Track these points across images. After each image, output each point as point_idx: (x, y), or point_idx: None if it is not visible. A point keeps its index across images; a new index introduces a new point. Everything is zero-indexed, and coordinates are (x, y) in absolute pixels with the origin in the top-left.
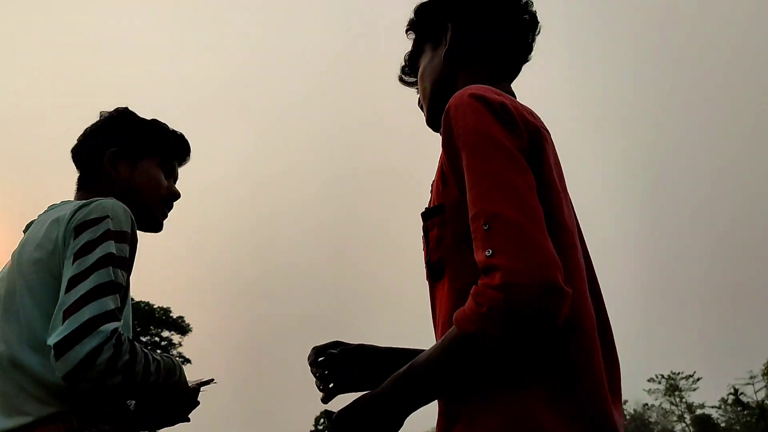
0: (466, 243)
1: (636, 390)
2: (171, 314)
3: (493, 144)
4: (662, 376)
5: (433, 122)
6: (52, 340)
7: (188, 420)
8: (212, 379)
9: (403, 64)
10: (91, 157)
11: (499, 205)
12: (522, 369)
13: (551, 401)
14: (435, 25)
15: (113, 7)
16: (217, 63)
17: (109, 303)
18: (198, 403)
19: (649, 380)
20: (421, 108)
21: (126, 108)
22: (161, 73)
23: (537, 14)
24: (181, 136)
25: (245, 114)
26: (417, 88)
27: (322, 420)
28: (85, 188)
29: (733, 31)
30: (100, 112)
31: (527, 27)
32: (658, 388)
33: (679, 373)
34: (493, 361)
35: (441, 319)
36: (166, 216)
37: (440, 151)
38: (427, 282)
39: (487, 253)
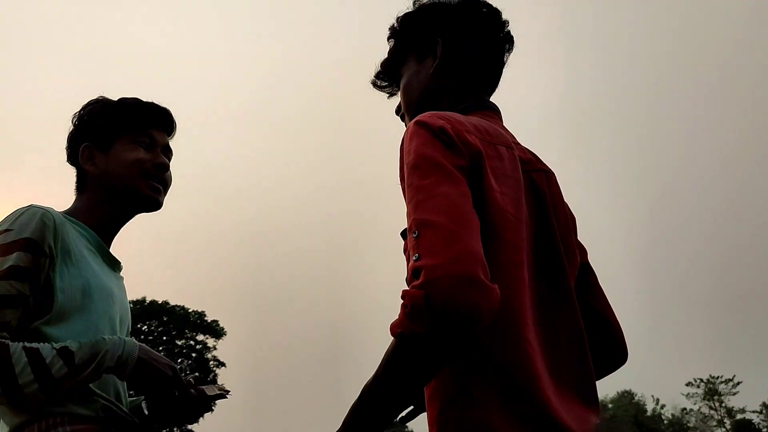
0: None
1: (674, 394)
2: (206, 318)
3: (428, 162)
4: (701, 380)
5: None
6: None
7: (197, 422)
8: (228, 392)
9: (379, 69)
10: (74, 159)
11: (427, 213)
12: (465, 373)
13: (499, 404)
14: (422, 38)
15: (140, 15)
16: (246, 68)
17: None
18: (211, 409)
19: (687, 384)
20: (401, 116)
21: (95, 98)
22: (191, 78)
23: (511, 32)
24: (152, 104)
25: (283, 119)
26: (390, 93)
27: None
28: (78, 191)
29: (731, 27)
30: (74, 114)
31: (504, 43)
32: (696, 393)
33: (718, 377)
34: (432, 364)
35: None
36: (158, 189)
37: None
38: None
39: (414, 257)
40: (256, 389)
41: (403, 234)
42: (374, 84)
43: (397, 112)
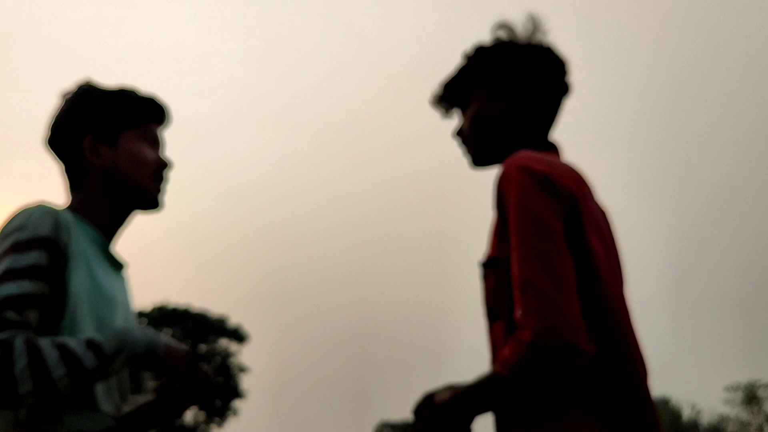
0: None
1: (711, 400)
2: (229, 323)
3: (532, 215)
4: (740, 385)
5: (480, 160)
6: None
7: (213, 404)
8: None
9: (443, 91)
10: (68, 149)
11: (530, 273)
12: (562, 403)
13: (586, 427)
14: (498, 75)
15: (158, 15)
16: (272, 66)
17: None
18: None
19: (725, 389)
20: (463, 141)
21: (88, 83)
22: (209, 77)
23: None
24: (153, 97)
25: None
26: (446, 115)
27: (383, 429)
28: (74, 186)
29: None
30: (63, 94)
31: (567, 90)
32: (735, 398)
33: (758, 381)
34: (522, 402)
35: (499, 356)
36: (161, 190)
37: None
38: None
39: (518, 313)
40: (281, 393)
41: (487, 263)
42: (435, 102)
43: (459, 135)
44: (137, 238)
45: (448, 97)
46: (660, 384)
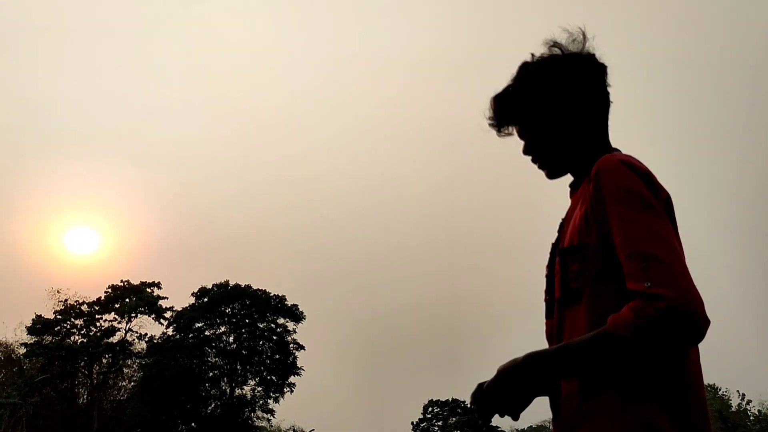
0: (603, 277)
1: (762, 389)
2: (286, 302)
3: (642, 200)
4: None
5: (556, 175)
6: None
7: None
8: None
9: (497, 110)
10: None
11: (652, 248)
12: (645, 381)
13: (669, 414)
14: (560, 88)
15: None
16: (332, 61)
17: None
18: None
19: None
20: (534, 159)
21: None
22: (271, 71)
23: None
24: None
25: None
26: (502, 133)
27: (429, 408)
28: None
29: None
30: None
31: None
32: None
33: None
34: (629, 365)
35: (577, 336)
36: None
37: (574, 197)
38: (547, 305)
39: (646, 284)
40: (333, 371)
41: (571, 250)
42: (496, 127)
43: (529, 153)
44: (199, 222)
45: (504, 114)
46: (708, 373)
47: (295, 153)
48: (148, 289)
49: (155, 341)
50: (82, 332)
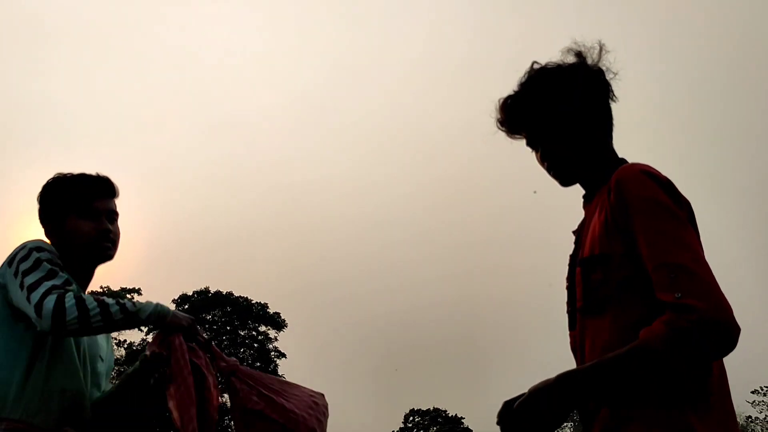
0: (628, 287)
1: (739, 402)
2: (268, 310)
3: (666, 210)
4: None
5: (570, 182)
6: (33, 311)
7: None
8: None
9: (509, 115)
10: (41, 223)
11: (680, 259)
12: (679, 386)
13: (705, 418)
14: (569, 94)
15: (210, 17)
16: (311, 64)
17: (53, 281)
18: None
19: (753, 392)
20: (549, 167)
21: (50, 179)
22: (257, 77)
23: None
24: (91, 180)
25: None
26: (513, 136)
27: (410, 417)
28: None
29: None
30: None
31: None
32: (763, 401)
33: None
34: (662, 377)
35: (601, 346)
36: (108, 248)
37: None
38: (570, 316)
39: (676, 295)
40: (315, 380)
41: (594, 260)
42: (505, 128)
43: (544, 161)
44: (181, 228)
45: (517, 125)
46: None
47: (282, 159)
48: (128, 296)
49: (134, 348)
50: None
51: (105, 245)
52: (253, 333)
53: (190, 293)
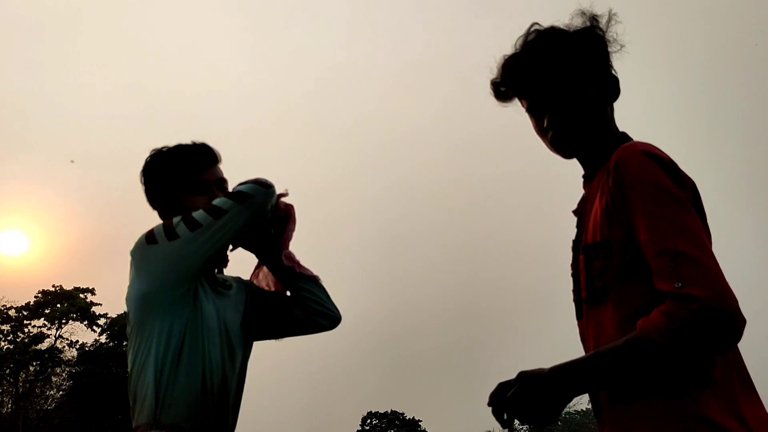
0: (629, 275)
1: None
2: None
3: (667, 193)
4: None
5: (574, 152)
6: (245, 202)
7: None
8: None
9: (511, 76)
10: (154, 208)
11: (681, 245)
12: (692, 376)
13: (717, 407)
14: (583, 61)
15: (188, 18)
16: (303, 73)
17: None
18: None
19: None
20: (556, 135)
21: (150, 157)
22: (235, 84)
23: None
24: (196, 150)
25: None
26: (507, 101)
27: (368, 420)
28: None
29: None
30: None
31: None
32: None
33: None
34: (663, 368)
35: (605, 337)
36: None
37: (592, 188)
38: (576, 305)
39: (676, 284)
40: (279, 382)
41: (595, 246)
42: (502, 86)
43: (551, 128)
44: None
45: (521, 82)
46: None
47: (246, 158)
48: (82, 295)
49: (87, 349)
50: (9, 338)
51: None
52: None
53: None
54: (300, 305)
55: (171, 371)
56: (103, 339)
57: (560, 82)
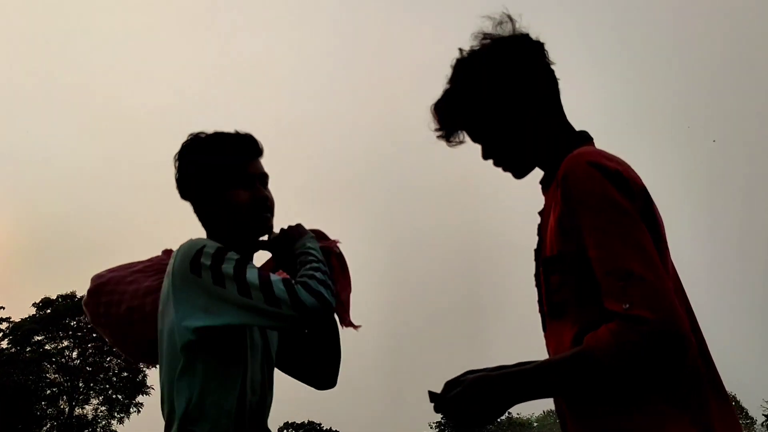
0: (585, 291)
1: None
2: None
3: (615, 207)
4: None
5: (524, 173)
6: (291, 319)
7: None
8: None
9: (444, 117)
10: (186, 197)
11: (629, 263)
12: (641, 390)
13: (667, 415)
14: (515, 77)
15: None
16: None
17: (276, 278)
18: None
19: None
20: (497, 162)
21: (189, 141)
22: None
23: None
24: (240, 141)
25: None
26: (456, 141)
27: (284, 431)
28: (205, 227)
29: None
30: (174, 156)
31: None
32: None
33: None
34: (612, 385)
35: (563, 352)
36: (268, 219)
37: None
38: (541, 316)
39: (624, 306)
40: None
41: (552, 260)
42: (442, 136)
43: (490, 157)
44: (51, 229)
45: (450, 121)
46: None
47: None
48: None
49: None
50: None
51: (265, 215)
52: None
53: (54, 297)
54: (313, 355)
55: (210, 384)
56: (4, 344)
57: (483, 112)
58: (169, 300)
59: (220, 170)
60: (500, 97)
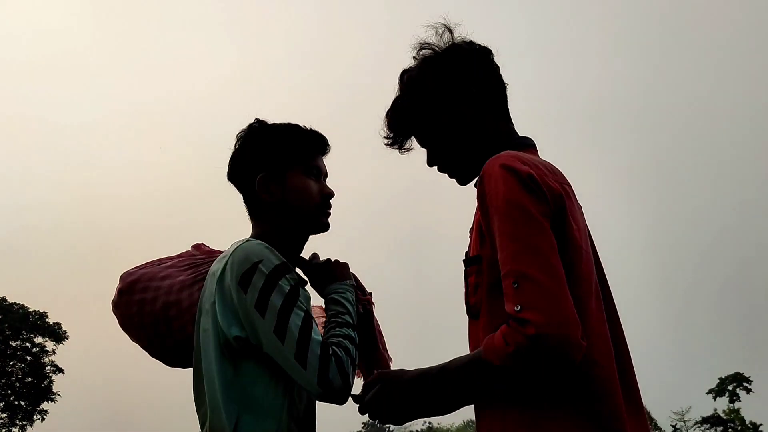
0: (497, 293)
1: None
2: (47, 319)
3: (520, 211)
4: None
5: (467, 179)
6: (314, 389)
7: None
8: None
9: (393, 128)
10: (244, 184)
11: (526, 267)
12: (545, 396)
13: (576, 424)
14: (453, 83)
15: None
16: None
17: (316, 335)
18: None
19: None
20: (441, 168)
21: (258, 123)
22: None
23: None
24: (312, 133)
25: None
26: (405, 148)
27: None
28: (253, 216)
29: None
30: (237, 135)
31: (500, 75)
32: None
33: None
34: (507, 389)
35: None
36: (329, 215)
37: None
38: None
39: (516, 308)
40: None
41: (466, 263)
42: (392, 144)
43: (434, 164)
44: None
45: (398, 129)
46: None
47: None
48: None
49: None
50: None
51: (328, 212)
52: (27, 344)
53: None
54: None
55: (257, 390)
56: None
57: (422, 119)
58: (215, 301)
59: (293, 153)
60: (442, 104)
